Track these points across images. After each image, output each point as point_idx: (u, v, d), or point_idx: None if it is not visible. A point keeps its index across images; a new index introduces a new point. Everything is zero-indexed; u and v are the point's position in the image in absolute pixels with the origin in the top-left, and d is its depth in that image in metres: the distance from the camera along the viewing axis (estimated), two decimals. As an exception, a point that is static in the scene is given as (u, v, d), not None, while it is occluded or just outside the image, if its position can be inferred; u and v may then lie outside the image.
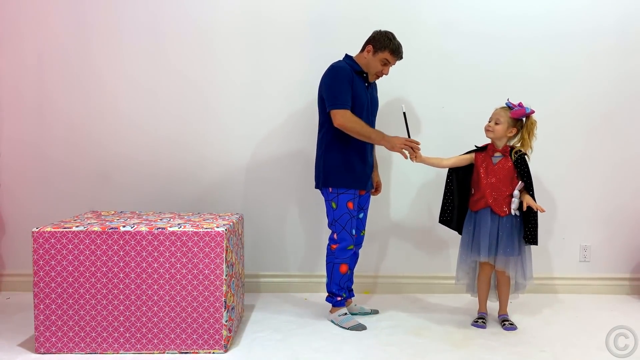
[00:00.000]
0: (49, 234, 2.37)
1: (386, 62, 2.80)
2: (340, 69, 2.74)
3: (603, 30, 3.36)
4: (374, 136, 2.72)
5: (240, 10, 3.31)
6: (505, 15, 3.34)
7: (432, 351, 2.50)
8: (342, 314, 2.84)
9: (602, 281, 3.47)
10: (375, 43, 2.78)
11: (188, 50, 3.31)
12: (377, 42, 2.77)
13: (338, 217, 2.80)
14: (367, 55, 2.80)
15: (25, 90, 3.31)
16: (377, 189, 3.09)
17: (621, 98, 3.40)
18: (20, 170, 3.35)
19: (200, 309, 2.42)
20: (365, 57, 2.80)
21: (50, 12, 3.27)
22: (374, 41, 2.79)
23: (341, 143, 2.78)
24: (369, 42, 2.81)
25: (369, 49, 2.79)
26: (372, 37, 2.81)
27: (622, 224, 3.47)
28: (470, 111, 3.36)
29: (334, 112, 2.69)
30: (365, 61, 2.81)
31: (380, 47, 2.76)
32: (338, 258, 2.82)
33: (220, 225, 2.51)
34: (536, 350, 2.52)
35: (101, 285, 2.40)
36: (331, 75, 2.75)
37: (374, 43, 2.78)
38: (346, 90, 2.70)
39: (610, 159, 3.43)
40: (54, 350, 2.40)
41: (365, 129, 2.70)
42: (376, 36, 2.79)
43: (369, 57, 2.79)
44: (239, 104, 3.36)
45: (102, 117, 3.33)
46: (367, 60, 2.80)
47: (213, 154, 3.37)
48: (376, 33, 2.81)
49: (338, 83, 2.71)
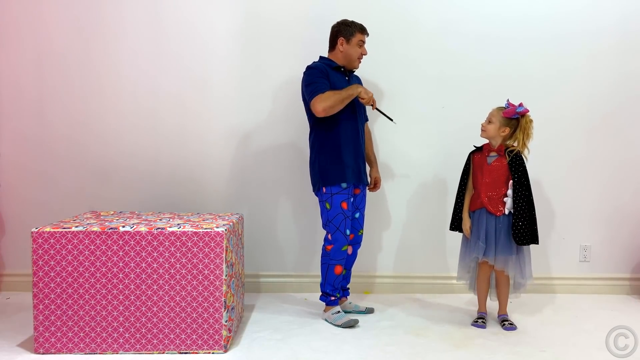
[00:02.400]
0: (48, 234, 2.37)
1: (361, 42, 2.87)
2: (311, 67, 2.83)
3: (604, 30, 3.35)
4: (350, 92, 2.75)
5: (239, 11, 3.31)
6: (505, 16, 3.34)
7: (432, 351, 2.50)
8: (335, 312, 2.85)
9: (602, 281, 3.47)
10: (343, 33, 2.85)
11: (188, 50, 3.31)
12: (344, 32, 2.85)
13: (332, 218, 2.81)
14: (343, 47, 2.85)
15: (25, 90, 3.31)
16: (375, 184, 3.09)
17: (622, 99, 3.40)
18: (20, 170, 3.34)
19: (200, 309, 2.42)
20: (341, 50, 2.86)
21: (51, 11, 3.27)
22: (340, 33, 2.86)
23: (331, 142, 2.81)
24: (337, 36, 2.87)
25: (342, 42, 2.85)
26: (336, 31, 2.88)
27: (622, 224, 3.46)
28: (470, 111, 3.35)
29: (312, 103, 2.74)
30: (342, 54, 2.86)
31: (350, 33, 2.84)
32: (333, 259, 2.83)
33: (220, 225, 2.51)
34: (536, 350, 2.52)
35: (101, 286, 2.40)
36: (305, 74, 2.83)
37: (342, 34, 2.85)
38: (319, 81, 2.75)
39: (611, 159, 3.43)
40: (53, 350, 2.40)
41: (342, 93, 2.74)
42: (339, 28, 2.87)
43: (345, 48, 2.85)
44: (239, 104, 3.36)
45: (102, 117, 3.33)
46: (344, 53, 2.86)
47: (213, 154, 3.36)
48: (337, 25, 2.89)
49: (311, 77, 2.79)
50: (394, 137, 3.35)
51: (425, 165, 3.38)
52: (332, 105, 2.71)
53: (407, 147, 3.38)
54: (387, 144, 3.37)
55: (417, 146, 3.38)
